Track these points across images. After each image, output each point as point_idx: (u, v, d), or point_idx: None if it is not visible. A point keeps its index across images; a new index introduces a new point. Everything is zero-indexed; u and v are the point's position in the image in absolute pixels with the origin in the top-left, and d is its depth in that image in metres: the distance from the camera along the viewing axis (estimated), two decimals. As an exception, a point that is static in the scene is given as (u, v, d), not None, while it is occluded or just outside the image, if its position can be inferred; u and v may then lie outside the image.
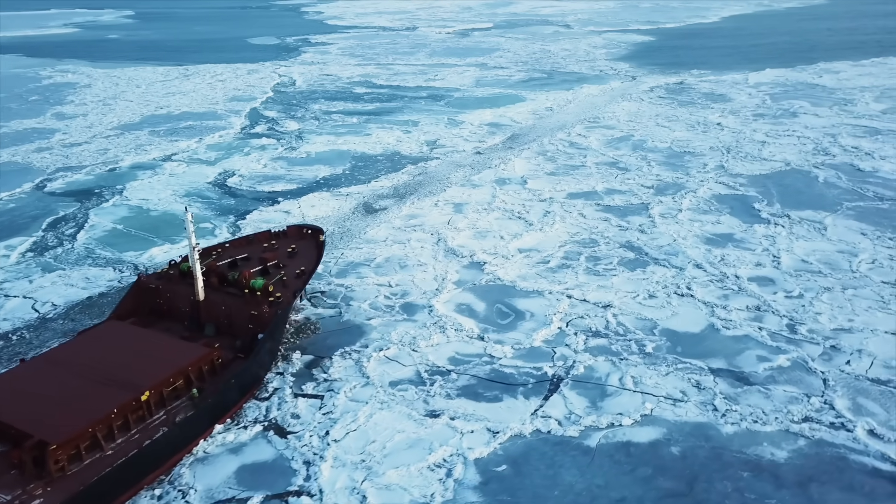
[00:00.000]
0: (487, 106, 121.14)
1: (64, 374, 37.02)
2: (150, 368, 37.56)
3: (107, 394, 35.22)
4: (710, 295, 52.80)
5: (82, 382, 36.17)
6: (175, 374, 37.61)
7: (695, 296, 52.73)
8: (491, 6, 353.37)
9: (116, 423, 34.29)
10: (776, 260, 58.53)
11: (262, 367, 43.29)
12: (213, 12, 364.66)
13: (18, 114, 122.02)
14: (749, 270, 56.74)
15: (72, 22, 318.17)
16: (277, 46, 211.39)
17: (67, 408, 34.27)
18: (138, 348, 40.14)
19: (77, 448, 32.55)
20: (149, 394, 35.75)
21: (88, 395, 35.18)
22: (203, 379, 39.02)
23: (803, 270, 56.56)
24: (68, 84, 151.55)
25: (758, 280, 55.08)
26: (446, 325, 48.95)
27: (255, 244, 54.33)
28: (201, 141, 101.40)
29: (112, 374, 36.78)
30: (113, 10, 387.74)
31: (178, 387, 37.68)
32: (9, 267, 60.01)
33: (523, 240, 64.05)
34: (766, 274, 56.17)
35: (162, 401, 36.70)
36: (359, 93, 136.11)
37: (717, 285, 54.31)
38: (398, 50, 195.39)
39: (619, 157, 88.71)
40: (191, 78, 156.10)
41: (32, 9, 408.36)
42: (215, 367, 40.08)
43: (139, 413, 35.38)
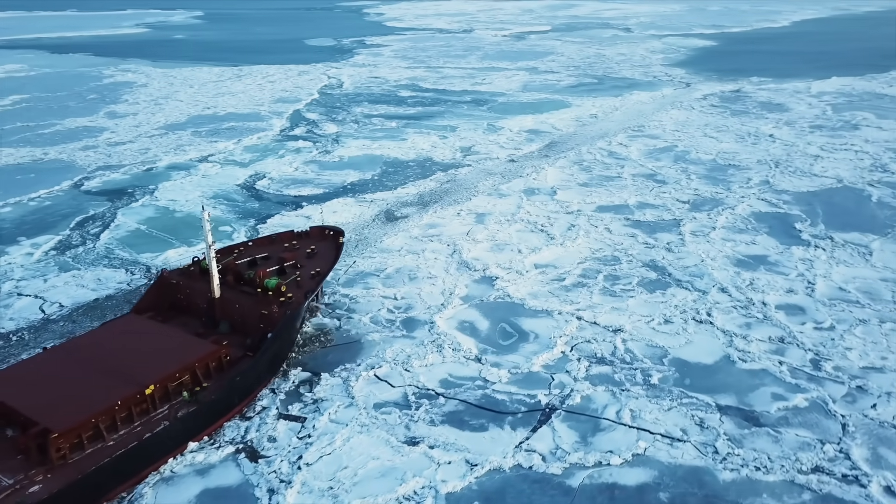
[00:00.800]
0: (530, 112, 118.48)
1: (77, 364, 38.31)
2: (158, 363, 38.44)
3: (113, 385, 36.10)
4: (730, 323, 49.26)
5: (92, 373, 37.33)
6: (181, 370, 38.18)
7: (714, 323, 49.29)
8: (552, 9, 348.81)
9: (120, 415, 35.05)
10: (810, 286, 54.35)
11: (269, 367, 43.36)
12: (277, 13, 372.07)
13: (74, 112, 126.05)
14: (778, 297, 52.79)
15: (144, 22, 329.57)
16: (332, 48, 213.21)
17: (73, 397, 35.28)
18: (150, 342, 41.11)
19: (79, 437, 33.40)
20: (153, 388, 36.37)
21: (95, 386, 36.16)
22: (210, 376, 39.42)
23: (839, 299, 52.29)
24: (126, 83, 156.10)
25: (786, 308, 51.16)
26: (444, 344, 47.04)
27: (277, 244, 54.79)
28: (239, 142, 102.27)
29: (121, 366, 37.83)
30: (184, 11, 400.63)
31: (184, 382, 38.25)
32: (29, 265, 61.13)
33: (541, 254, 61.54)
34: (796, 302, 52.15)
35: (167, 395, 37.23)
36: (403, 96, 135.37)
37: (741, 312, 50.67)
38: (451, 53, 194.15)
39: (658, 169, 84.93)
40: (243, 79, 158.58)
41: (110, 9, 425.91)
42: (223, 364, 40.35)
43: (143, 406, 36.02)
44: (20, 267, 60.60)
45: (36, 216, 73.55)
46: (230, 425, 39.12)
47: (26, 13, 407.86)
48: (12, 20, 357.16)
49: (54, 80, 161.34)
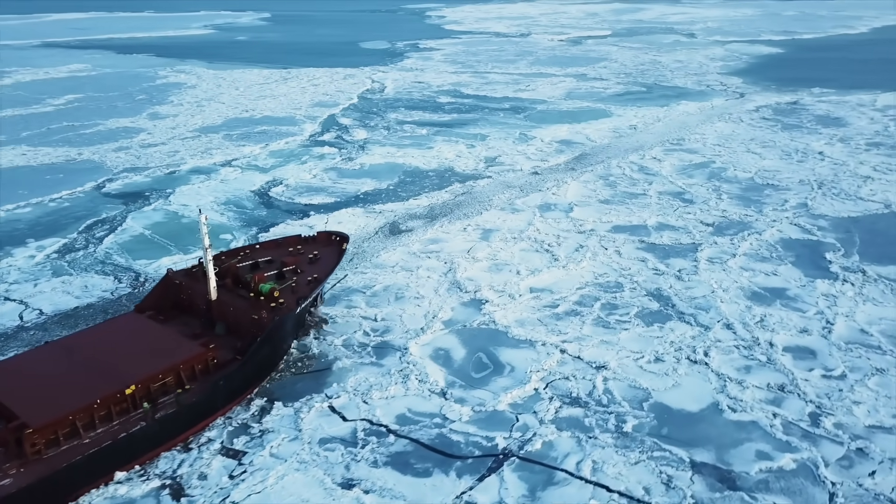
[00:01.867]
0: (567, 121, 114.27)
1: (70, 360, 39.15)
2: (143, 363, 38.78)
3: (96, 383, 36.61)
4: (728, 365, 44.83)
5: (80, 370, 38.08)
6: (165, 371, 38.43)
7: (710, 364, 44.96)
8: (618, 12, 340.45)
9: (99, 414, 35.42)
10: (828, 327, 49.16)
11: (257, 373, 43.19)
12: (342, 15, 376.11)
13: (120, 112, 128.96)
14: (788, 337, 47.89)
15: (212, 24, 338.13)
16: (385, 51, 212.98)
17: (55, 393, 35.99)
18: (141, 342, 41.57)
19: (56, 433, 33.90)
20: (135, 388, 36.64)
21: (79, 383, 36.73)
22: (195, 378, 39.53)
23: (857, 343, 47.00)
24: (177, 84, 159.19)
25: (795, 351, 46.29)
26: (411, 375, 44.38)
27: (282, 248, 54.98)
28: (266, 147, 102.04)
29: (107, 364, 38.42)
30: (253, 13, 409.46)
31: (168, 383, 38.34)
32: (28, 268, 61.61)
33: (540, 277, 58.07)
34: (808, 343, 47.18)
35: (149, 396, 37.35)
36: (441, 102, 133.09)
37: (742, 353, 46.11)
38: (502, 57, 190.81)
39: (688, 187, 79.83)
40: (289, 81, 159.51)
41: (185, 10, 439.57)
42: (209, 367, 40.38)
43: (123, 405, 36.27)
44: (17, 270, 61.12)
45: (51, 218, 74.56)
46: (167, 456, 37.44)
47: (107, 14, 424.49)
48: (92, 20, 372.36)
49: (111, 81, 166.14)
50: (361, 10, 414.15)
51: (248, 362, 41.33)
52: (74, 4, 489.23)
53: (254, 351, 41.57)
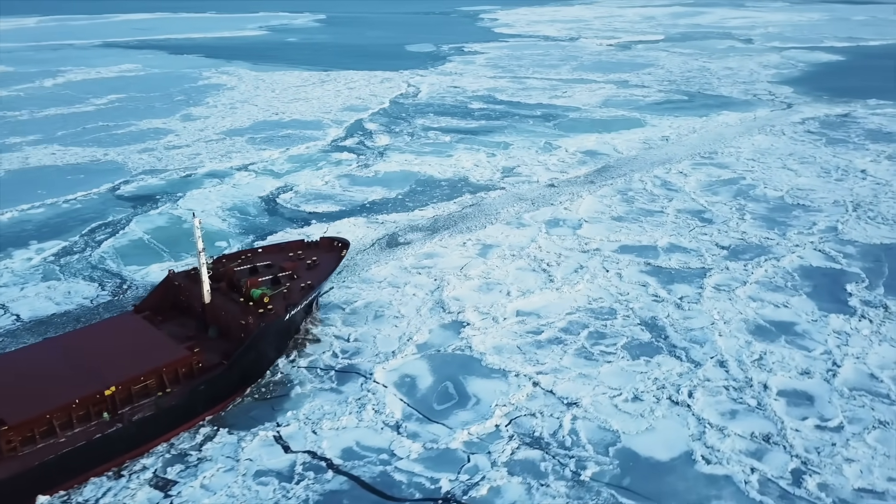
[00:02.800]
0: (597, 130, 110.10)
1: (59, 358, 39.65)
2: (126, 364, 38.98)
3: (76, 383, 36.94)
4: (712, 408, 41.06)
5: (64, 369, 38.44)
6: (147, 374, 38.49)
7: (692, 406, 41.26)
8: (675, 16, 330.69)
9: (77, 413, 35.72)
10: (833, 369, 44.67)
11: (242, 378, 43.06)
12: (395, 17, 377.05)
13: (155, 113, 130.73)
14: (786, 379, 43.68)
15: (267, 25, 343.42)
16: (428, 54, 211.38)
17: (36, 392, 36.19)
18: (129, 343, 41.85)
19: (32, 432, 34.37)
20: (115, 389, 36.84)
21: (61, 382, 37.15)
22: (178, 381, 39.48)
23: (863, 390, 42.48)
24: (217, 86, 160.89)
25: (790, 396, 42.14)
26: (369, 404, 42.11)
27: (284, 252, 54.98)
28: (286, 151, 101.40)
29: (92, 364, 38.69)
30: (309, 14, 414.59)
31: (150, 386, 38.48)
32: (21, 271, 61.88)
33: (530, 299, 54.99)
34: (806, 388, 42.91)
35: (129, 397, 37.53)
36: (472, 108, 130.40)
37: (731, 395, 42.21)
38: (544, 62, 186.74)
39: (710, 205, 75.18)
40: (325, 84, 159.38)
41: (245, 11, 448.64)
42: (193, 371, 40.47)
43: (102, 406, 36.52)
44: (10, 272, 61.43)
45: (59, 219, 75.16)
46: (95, 482, 36.15)
47: (171, 14, 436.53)
48: (155, 21, 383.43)
49: (155, 81, 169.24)
50: (416, 12, 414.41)
51: (232, 368, 41.15)
52: (142, 5, 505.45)
53: (237, 356, 41.41)
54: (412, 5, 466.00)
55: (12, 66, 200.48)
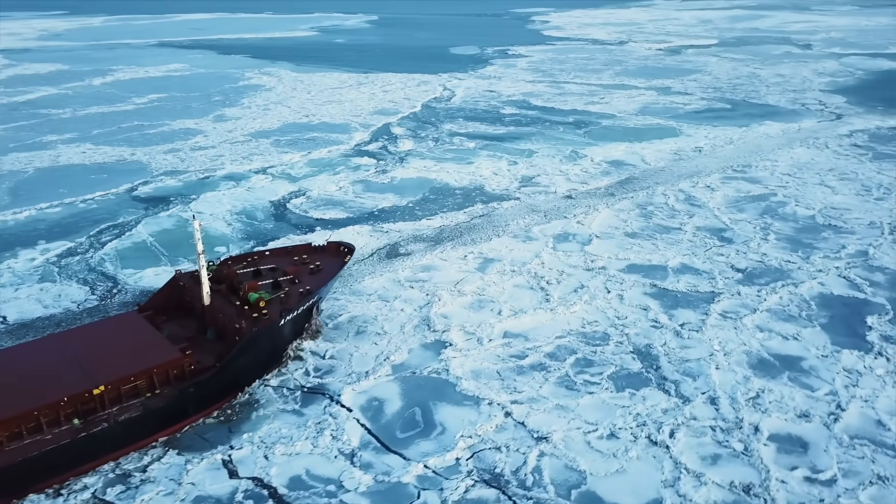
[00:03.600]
0: (628, 139, 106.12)
1: (55, 355, 40.16)
2: (119, 364, 39.10)
3: (67, 381, 37.31)
4: (692, 451, 37.82)
5: (58, 366, 38.89)
6: (138, 374, 38.70)
7: (671, 448, 38.10)
8: (734, 19, 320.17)
9: (65, 412, 36.13)
10: (836, 413, 40.77)
11: (234, 382, 42.82)
12: (447, 19, 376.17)
13: (189, 113, 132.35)
14: (781, 422, 40.03)
15: (319, 26, 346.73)
16: (471, 57, 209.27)
17: (26, 388, 36.78)
18: (125, 342, 41.97)
19: (20, 428, 34.90)
20: (103, 388, 37.15)
21: (52, 379, 37.59)
22: (168, 383, 39.59)
23: (866, 439, 38.54)
24: (256, 86, 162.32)
25: (782, 441, 38.52)
26: (328, 429, 40.30)
27: (290, 255, 54.50)
28: (308, 155, 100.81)
29: (85, 362, 39.07)
30: (363, 15, 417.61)
31: (140, 386, 38.69)
32: (22, 271, 62.39)
33: (521, 320, 52.34)
34: (803, 433, 39.20)
35: (119, 397, 37.83)
36: (504, 113, 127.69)
37: (716, 437, 38.85)
38: (588, 67, 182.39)
39: (733, 223, 70.91)
40: (362, 86, 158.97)
41: (301, 11, 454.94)
42: (185, 373, 40.32)
43: (90, 405, 36.86)
44: (11, 272, 62.00)
45: (72, 219, 75.89)
46: (32, 499, 35.19)
47: (229, 15, 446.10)
48: (212, 21, 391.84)
49: (198, 81, 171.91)
50: (468, 13, 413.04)
51: (222, 371, 41.18)
52: (203, 5, 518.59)
53: (228, 360, 41.39)
54: (465, 6, 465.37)
55: (68, 64, 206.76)
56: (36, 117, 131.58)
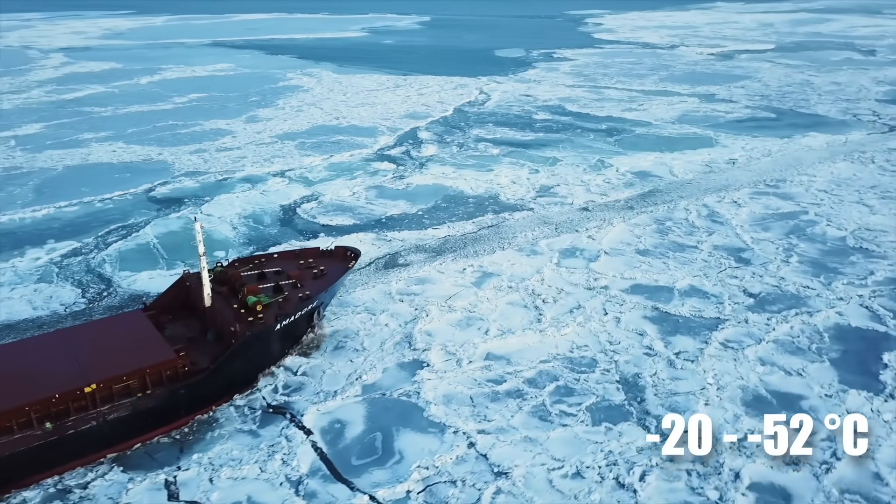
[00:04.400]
0: (660, 149, 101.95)
1: (56, 351, 40.80)
2: (111, 363, 39.34)
3: (61, 378, 37.78)
4: (661, 497, 35.04)
5: (55, 362, 39.54)
6: (130, 374, 38.98)
7: (639, 492, 35.29)
8: (796, 23, 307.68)
9: (56, 408, 36.57)
10: (830, 462, 37.10)
11: (225, 386, 42.84)
12: (498, 20, 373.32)
13: (224, 113, 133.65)
14: (765, 469, 36.64)
15: (370, 27, 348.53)
16: (514, 60, 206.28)
17: (20, 384, 37.38)
18: (123, 341, 42.27)
19: (11, 422, 35.39)
20: (95, 387, 37.53)
21: (46, 376, 38.12)
22: (161, 384, 39.80)
23: (858, 494, 34.93)
24: (295, 87, 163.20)
25: (764, 492, 35.28)
26: (280, 452, 38.78)
27: (297, 259, 54.21)
28: (329, 158, 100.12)
29: (82, 360, 39.58)
30: (416, 16, 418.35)
31: (131, 386, 38.93)
32: (24, 271, 63.03)
33: (507, 341, 49.90)
34: (788, 483, 35.80)
35: (110, 396, 38.14)
36: (536, 119, 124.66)
37: (691, 482, 35.77)
38: (632, 71, 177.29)
39: (754, 243, 66.72)
40: (399, 89, 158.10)
41: (356, 12, 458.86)
42: (178, 374, 40.42)
43: (81, 403, 37.25)
44: (13, 272, 62.73)
45: (85, 219, 76.73)
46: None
47: (286, 15, 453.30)
48: (268, 22, 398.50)
49: (239, 81, 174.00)
50: (521, 15, 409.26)
51: (214, 374, 41.40)
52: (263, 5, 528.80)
53: (220, 364, 41.60)
54: (520, 8, 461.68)
55: (122, 62, 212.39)
56: (78, 115, 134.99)
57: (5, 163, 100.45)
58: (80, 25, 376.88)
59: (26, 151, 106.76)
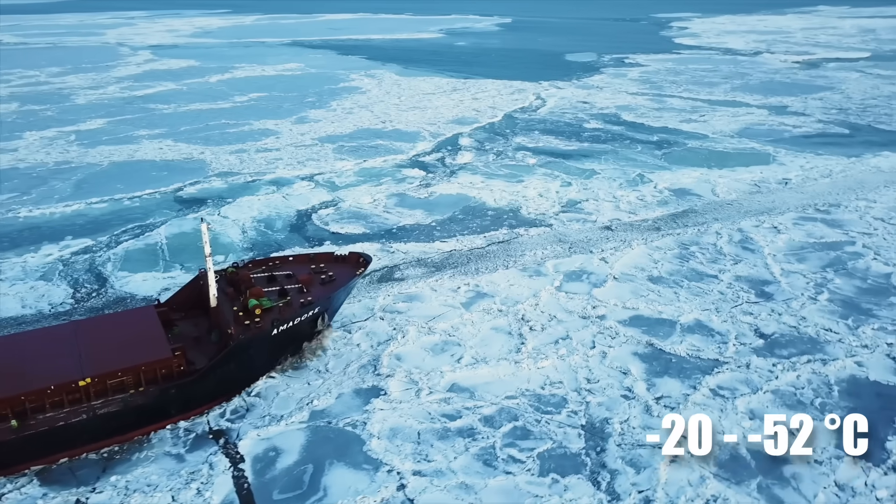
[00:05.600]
0: (708, 164, 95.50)
1: (64, 342, 41.73)
2: (109, 358, 40.01)
3: (60, 370, 38.76)
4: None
5: (58, 354, 40.48)
6: (125, 370, 39.43)
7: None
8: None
9: (51, 399, 37.48)
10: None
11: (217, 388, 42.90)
12: (579, 23, 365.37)
13: (277, 113, 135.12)
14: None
15: (449, 28, 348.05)
16: (583, 64, 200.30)
17: (19, 373, 38.32)
18: (125, 337, 42.92)
19: (6, 411, 36.50)
20: (89, 381, 38.26)
21: (44, 368, 39.06)
22: (156, 382, 40.20)
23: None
24: (353, 88, 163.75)
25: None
26: (198, 480, 36.95)
27: (311, 263, 53.78)
28: (362, 163, 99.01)
29: (84, 353, 40.40)
30: (498, 17, 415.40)
31: (126, 382, 39.45)
32: (33, 268, 64.24)
33: (477, 371, 46.75)
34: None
35: (105, 391, 38.80)
36: (586, 127, 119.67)
37: None
38: (704, 79, 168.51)
39: (783, 275, 60.66)
40: (455, 93, 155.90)
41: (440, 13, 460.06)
42: (173, 373, 40.81)
43: (75, 396, 38.09)
44: (21, 268, 64.04)
45: (108, 217, 78.16)
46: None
47: (371, 15, 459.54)
48: (352, 22, 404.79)
49: (303, 81, 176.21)
50: (605, 18, 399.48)
51: (205, 376, 41.59)
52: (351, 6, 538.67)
53: (212, 366, 41.82)
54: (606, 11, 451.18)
55: (200, 61, 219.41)
56: (142, 112, 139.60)
57: (59, 157, 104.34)
58: (176, 24, 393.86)
59: (82, 146, 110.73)
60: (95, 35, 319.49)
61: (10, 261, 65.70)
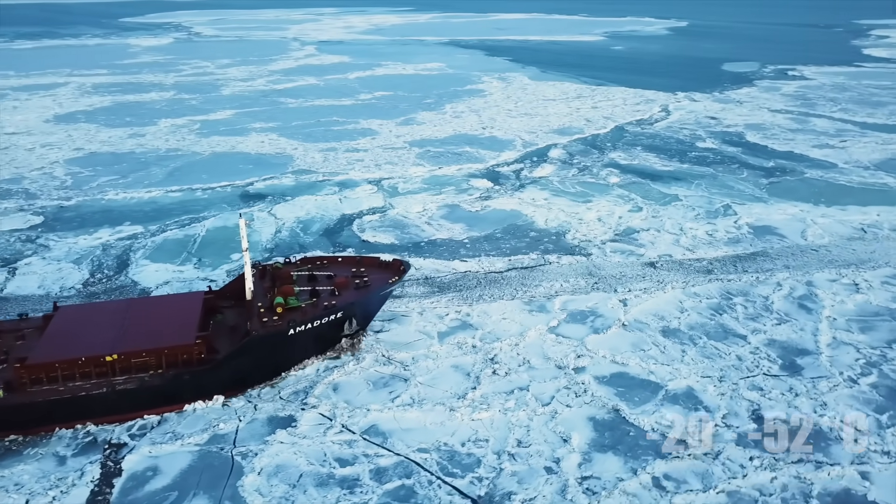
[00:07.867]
0: (815, 200, 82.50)
1: (114, 318, 45.19)
2: (140, 338, 43.21)
3: (91, 344, 41.87)
4: None
5: (101, 329, 43.72)
6: (150, 351, 41.92)
7: None
8: None
9: (82, 370, 40.58)
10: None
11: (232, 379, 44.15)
12: (762, 29, 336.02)
13: (388, 113, 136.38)
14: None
15: (613, 31, 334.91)
16: (737, 75, 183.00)
17: (62, 342, 42.22)
18: (162, 320, 45.89)
19: (43, 374, 40.08)
20: (116, 357, 41.08)
21: (83, 340, 42.37)
22: (176, 366, 42.19)
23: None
24: (477, 91, 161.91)
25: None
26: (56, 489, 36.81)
27: (355, 265, 54.52)
28: (436, 170, 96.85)
29: (119, 330, 43.48)
30: (674, 21, 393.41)
31: (149, 363, 41.88)
32: (76, 251, 68.53)
33: (407, 414, 42.94)
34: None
35: (129, 368, 41.49)
36: (697, 146, 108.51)
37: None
38: (870, 99, 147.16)
39: (829, 347, 50.14)
40: (577, 100, 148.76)
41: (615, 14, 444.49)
42: (193, 359, 42.52)
43: (102, 369, 41.00)
44: (66, 249, 68.77)
45: (174, 206, 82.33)
46: None
47: (544, 16, 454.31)
48: (521, 21, 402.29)
49: (433, 81, 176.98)
50: (796, 23, 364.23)
51: (219, 366, 42.85)
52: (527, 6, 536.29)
53: (226, 357, 43.01)
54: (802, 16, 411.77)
55: (353, 57, 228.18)
56: (269, 105, 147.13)
57: (173, 144, 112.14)
58: (356, 21, 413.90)
59: (198, 136, 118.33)
60: (280, 30, 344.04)
61: (65, 241, 70.89)
